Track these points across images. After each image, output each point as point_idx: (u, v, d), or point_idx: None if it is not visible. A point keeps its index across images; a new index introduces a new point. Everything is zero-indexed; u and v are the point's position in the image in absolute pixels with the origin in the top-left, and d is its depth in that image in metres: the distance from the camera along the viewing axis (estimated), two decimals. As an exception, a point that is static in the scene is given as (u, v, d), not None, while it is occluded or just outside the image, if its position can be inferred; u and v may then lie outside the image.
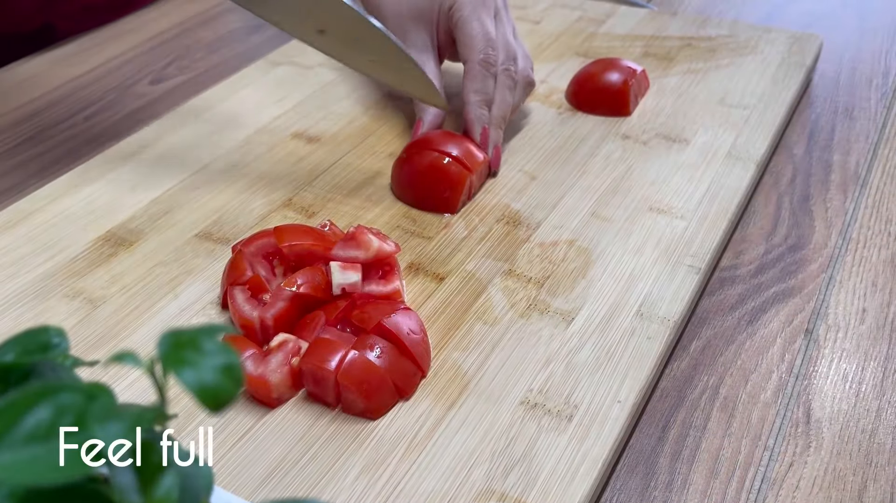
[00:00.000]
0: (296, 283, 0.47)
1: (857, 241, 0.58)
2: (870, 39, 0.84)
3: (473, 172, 0.57)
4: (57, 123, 0.70)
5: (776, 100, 0.70)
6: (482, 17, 0.61)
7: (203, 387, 0.17)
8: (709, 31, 0.80)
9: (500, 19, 0.63)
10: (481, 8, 0.61)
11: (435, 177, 0.57)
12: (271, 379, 0.43)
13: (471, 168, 0.57)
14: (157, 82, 0.77)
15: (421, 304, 0.50)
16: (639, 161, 0.62)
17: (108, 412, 0.18)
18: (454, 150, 0.57)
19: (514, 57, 0.62)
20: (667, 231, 0.55)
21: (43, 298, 0.50)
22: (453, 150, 0.57)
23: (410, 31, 0.63)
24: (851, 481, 0.42)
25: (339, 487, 0.40)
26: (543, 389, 0.44)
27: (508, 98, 0.61)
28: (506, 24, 0.63)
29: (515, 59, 0.62)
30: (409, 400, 0.44)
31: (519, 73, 0.62)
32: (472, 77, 0.60)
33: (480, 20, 0.61)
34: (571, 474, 0.40)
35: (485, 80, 0.60)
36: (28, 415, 0.17)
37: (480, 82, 0.60)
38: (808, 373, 0.48)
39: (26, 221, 0.56)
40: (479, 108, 0.60)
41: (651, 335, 0.47)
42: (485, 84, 0.60)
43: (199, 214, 0.57)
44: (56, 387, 0.17)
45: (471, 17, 0.61)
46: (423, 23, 0.63)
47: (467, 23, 0.61)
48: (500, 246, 0.54)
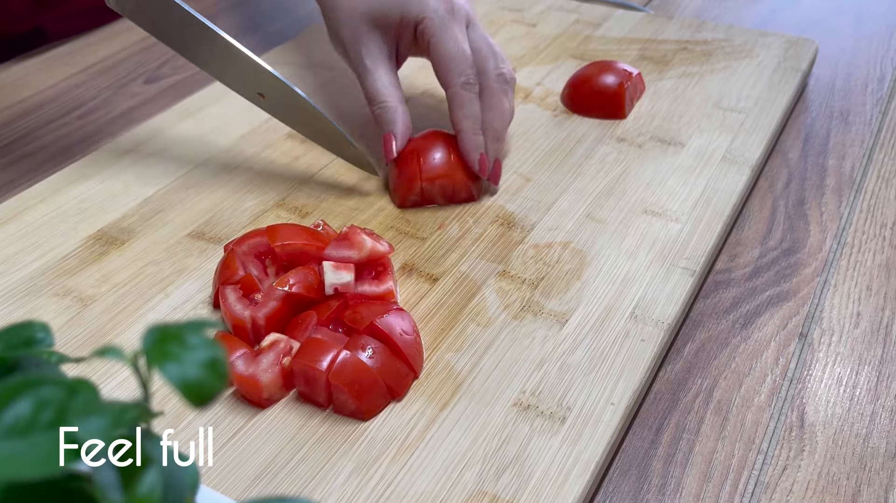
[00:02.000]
0: (288, 283, 0.46)
1: (852, 246, 0.58)
2: (865, 45, 0.84)
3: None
4: (49, 122, 0.70)
5: (771, 104, 0.70)
6: (455, 33, 0.58)
7: (186, 382, 0.17)
8: (704, 34, 0.80)
9: (473, 26, 0.60)
10: (451, 22, 0.58)
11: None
12: (262, 379, 0.43)
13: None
14: (151, 82, 0.76)
15: (414, 305, 0.49)
16: (634, 164, 0.62)
17: (90, 407, 0.17)
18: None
19: (504, 58, 0.59)
20: (661, 234, 0.55)
21: (33, 297, 0.50)
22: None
23: (364, 34, 0.58)
24: (845, 485, 0.42)
25: (329, 488, 0.39)
26: (536, 391, 0.44)
27: (504, 105, 0.58)
28: (479, 28, 0.60)
29: (505, 60, 0.59)
30: (401, 401, 0.44)
31: (510, 74, 0.60)
32: (459, 104, 0.57)
33: (454, 38, 0.57)
34: (564, 476, 0.40)
35: (471, 104, 0.57)
36: (8, 409, 0.16)
37: (468, 107, 0.57)
38: (803, 376, 0.48)
39: (17, 219, 0.56)
40: (473, 136, 0.57)
41: (645, 337, 0.47)
42: (472, 108, 0.57)
43: (191, 214, 0.57)
44: (37, 380, 0.17)
45: (443, 37, 0.57)
46: (380, 29, 0.59)
47: (440, 44, 0.57)
48: (494, 247, 0.54)
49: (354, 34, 0.59)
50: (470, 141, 0.57)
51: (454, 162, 0.57)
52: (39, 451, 0.16)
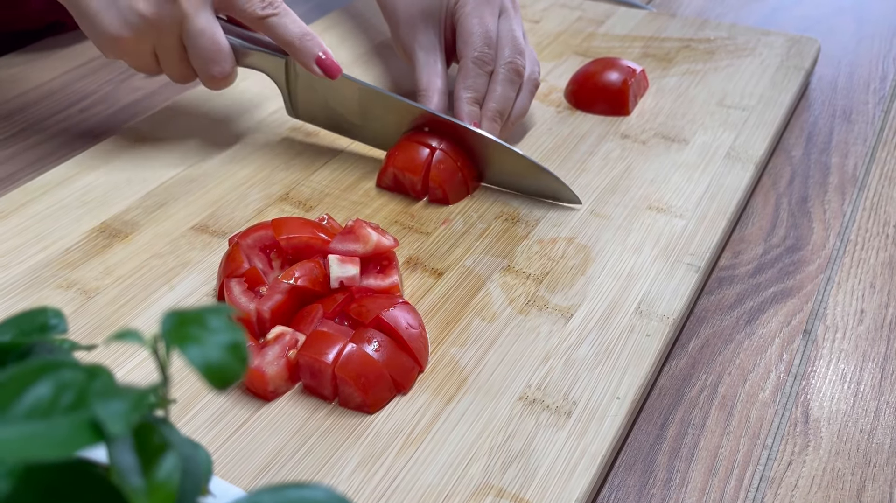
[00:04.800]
0: (293, 276, 0.46)
1: (855, 243, 0.58)
2: (867, 44, 0.84)
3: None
4: (52, 115, 0.70)
5: (775, 102, 0.70)
6: (484, 14, 0.61)
7: (209, 365, 0.17)
8: (707, 32, 0.80)
9: (506, 16, 0.62)
10: (485, 6, 0.61)
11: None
12: (268, 371, 0.42)
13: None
14: (154, 75, 0.76)
15: (419, 299, 0.49)
16: (638, 160, 0.62)
17: (110, 390, 0.17)
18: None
19: (522, 52, 0.61)
20: (666, 229, 0.55)
21: (36, 289, 0.50)
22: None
23: (420, 31, 0.62)
24: (850, 481, 0.42)
25: (335, 481, 0.39)
26: (542, 385, 0.44)
27: (509, 92, 0.60)
28: (513, 20, 0.63)
29: (522, 54, 0.61)
30: (406, 394, 0.44)
31: (526, 71, 0.61)
32: (465, 74, 0.60)
33: (481, 17, 0.60)
34: (570, 470, 0.40)
35: (477, 78, 0.59)
36: (29, 391, 0.16)
37: (472, 79, 0.59)
38: (807, 373, 0.48)
39: (20, 212, 0.56)
40: (468, 105, 0.59)
41: (650, 332, 0.47)
42: (476, 81, 0.59)
43: (195, 207, 0.57)
44: (57, 363, 0.17)
45: (471, 14, 0.61)
46: (431, 22, 0.62)
47: (467, 19, 0.61)
48: (498, 242, 0.54)
49: (410, 31, 0.63)
50: (463, 109, 0.59)
51: (424, 161, 0.57)
52: (60, 433, 0.16)
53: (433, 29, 0.62)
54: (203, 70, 0.57)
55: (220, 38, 0.56)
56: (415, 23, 0.62)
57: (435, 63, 0.62)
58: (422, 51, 0.62)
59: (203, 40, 0.55)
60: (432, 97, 0.61)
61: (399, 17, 0.63)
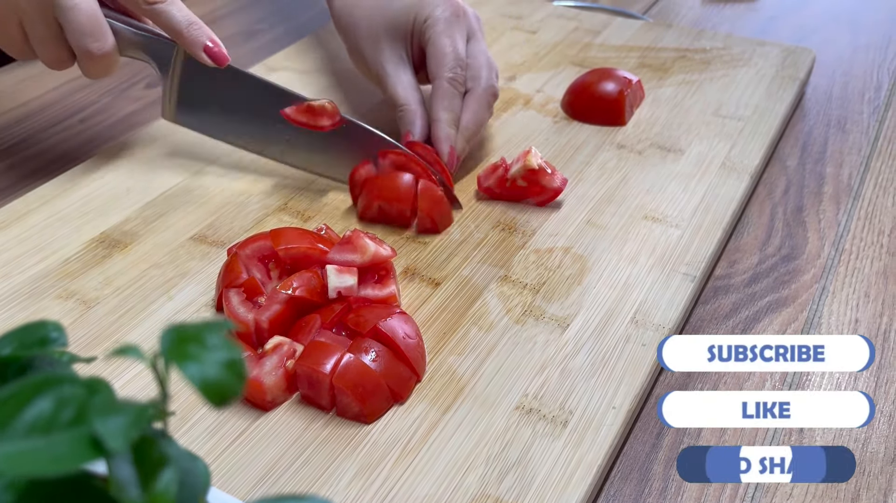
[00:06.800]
0: (291, 286, 0.47)
1: (850, 253, 0.59)
2: (862, 54, 0.85)
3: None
4: (51, 126, 0.70)
5: (770, 112, 0.70)
6: (454, 35, 0.60)
7: (207, 382, 0.17)
8: (703, 43, 0.81)
9: (475, 39, 0.62)
10: (454, 26, 0.60)
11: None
12: (266, 381, 0.43)
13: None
14: (152, 86, 0.77)
15: (416, 309, 0.50)
16: (634, 170, 0.63)
17: (110, 405, 0.18)
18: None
19: (498, 75, 0.61)
20: (662, 239, 0.55)
21: (36, 299, 0.50)
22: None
23: (385, 46, 0.61)
24: (844, 489, 0.42)
25: (332, 491, 0.39)
26: (538, 395, 0.44)
27: (485, 114, 0.60)
28: (481, 42, 0.62)
29: (498, 77, 0.61)
30: (403, 404, 0.44)
31: (497, 91, 0.61)
32: (441, 95, 0.59)
33: (452, 38, 0.60)
34: (566, 480, 0.40)
35: (453, 99, 0.59)
36: (29, 407, 0.17)
37: (449, 100, 0.59)
38: (801, 381, 0.49)
39: (20, 222, 0.56)
40: (447, 127, 0.59)
41: (646, 342, 0.47)
42: (453, 102, 0.59)
43: (193, 217, 0.57)
44: (58, 378, 0.17)
45: (442, 35, 0.60)
46: (397, 38, 0.61)
47: (439, 38, 0.60)
48: (495, 252, 0.55)
49: (374, 45, 0.61)
50: (443, 131, 0.59)
51: (409, 188, 0.56)
52: (61, 449, 0.16)
53: (399, 44, 0.61)
54: (80, 47, 0.54)
55: (96, 11, 0.54)
56: (378, 38, 0.61)
57: (407, 77, 0.61)
58: (390, 65, 0.61)
59: (77, 13, 0.53)
60: (416, 111, 0.60)
61: (360, 32, 0.62)
